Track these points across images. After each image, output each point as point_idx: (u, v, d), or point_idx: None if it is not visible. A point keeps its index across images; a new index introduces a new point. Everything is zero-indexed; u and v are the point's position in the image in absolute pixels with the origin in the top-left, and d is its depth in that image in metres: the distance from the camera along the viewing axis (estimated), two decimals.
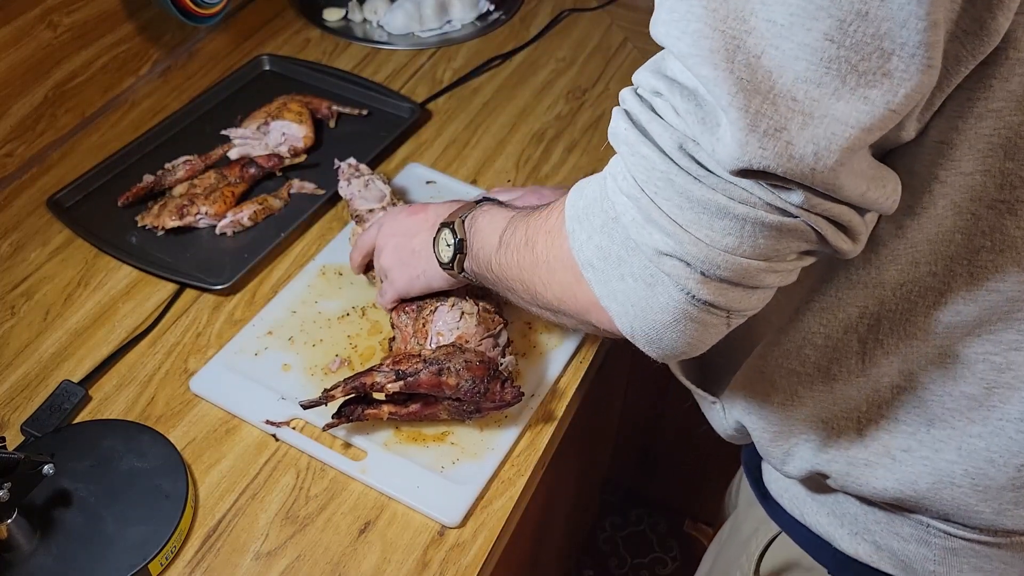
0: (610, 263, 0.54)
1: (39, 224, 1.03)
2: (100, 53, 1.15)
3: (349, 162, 1.03)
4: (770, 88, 0.43)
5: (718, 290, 0.50)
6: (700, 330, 0.53)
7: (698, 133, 0.46)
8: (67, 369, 0.88)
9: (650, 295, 0.52)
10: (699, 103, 0.46)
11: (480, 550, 0.75)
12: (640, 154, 0.49)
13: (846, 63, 0.42)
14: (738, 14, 0.43)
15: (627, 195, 0.51)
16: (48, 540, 0.73)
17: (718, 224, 0.48)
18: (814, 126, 0.44)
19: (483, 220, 0.73)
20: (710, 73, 0.44)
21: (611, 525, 1.81)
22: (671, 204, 0.49)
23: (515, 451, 0.82)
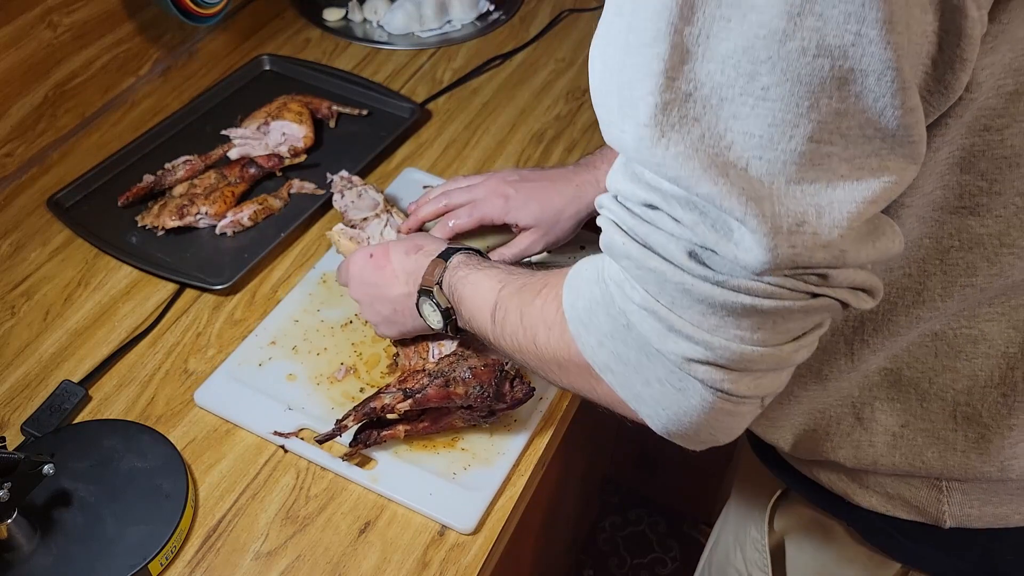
0: (630, 368, 0.52)
1: (39, 224, 1.03)
2: (100, 53, 1.15)
3: (341, 175, 1.03)
4: (770, 192, 0.44)
5: (753, 382, 0.50)
6: (737, 420, 0.52)
7: (712, 242, 0.46)
8: (67, 369, 0.88)
9: (682, 398, 0.51)
10: (703, 212, 0.46)
11: (480, 550, 0.75)
12: (648, 268, 0.48)
13: (836, 157, 0.43)
14: (713, 131, 0.44)
15: (641, 306, 0.50)
16: (48, 540, 0.73)
17: (746, 323, 0.47)
18: (828, 213, 0.44)
19: (466, 290, 0.72)
20: (713, 190, 0.44)
21: (611, 525, 1.81)
22: (693, 312, 0.48)
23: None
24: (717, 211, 0.45)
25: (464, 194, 0.92)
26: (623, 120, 0.47)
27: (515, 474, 0.80)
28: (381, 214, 0.97)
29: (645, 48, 0.44)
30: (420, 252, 0.79)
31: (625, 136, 0.47)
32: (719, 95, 0.43)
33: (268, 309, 0.93)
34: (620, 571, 1.75)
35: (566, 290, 0.57)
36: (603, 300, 0.53)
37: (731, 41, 0.42)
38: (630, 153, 0.47)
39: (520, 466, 0.81)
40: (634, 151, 0.47)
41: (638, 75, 0.45)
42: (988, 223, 0.55)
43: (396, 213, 0.97)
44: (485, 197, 0.91)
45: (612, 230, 0.51)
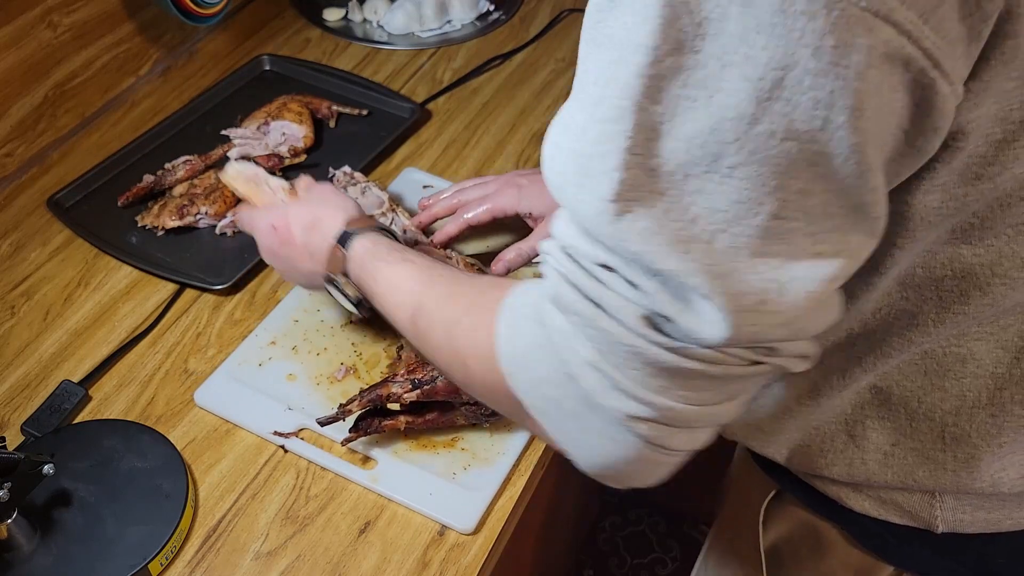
0: (566, 415, 0.52)
1: (39, 224, 1.03)
2: (100, 53, 1.15)
3: (344, 170, 1.03)
4: (734, 268, 0.44)
5: (690, 437, 0.51)
6: (665, 468, 0.53)
7: (671, 312, 0.46)
8: (67, 369, 0.88)
9: (616, 448, 0.51)
10: (664, 282, 0.45)
11: (480, 550, 0.75)
12: (598, 327, 0.48)
13: (799, 233, 0.44)
14: (677, 206, 0.44)
15: (588, 363, 0.49)
16: (48, 540, 0.73)
17: (692, 384, 0.48)
18: (789, 290, 0.45)
19: (378, 288, 0.72)
20: (678, 266, 0.44)
21: (611, 525, 1.81)
22: (640, 373, 0.48)
23: None
24: (679, 284, 0.45)
25: (477, 190, 0.92)
26: (580, 190, 0.46)
27: (515, 474, 0.80)
28: (387, 212, 0.96)
29: (610, 124, 0.44)
30: (315, 230, 0.79)
31: (583, 207, 0.47)
32: (684, 172, 0.43)
33: (268, 309, 0.93)
34: (620, 571, 1.75)
35: (501, 324, 0.56)
36: (544, 346, 0.52)
37: (697, 122, 0.42)
38: (587, 223, 0.47)
39: (520, 466, 0.81)
40: (593, 223, 0.46)
41: (601, 150, 0.45)
42: (980, 252, 0.54)
43: (401, 212, 0.97)
44: (498, 190, 0.91)
45: (560, 283, 0.50)
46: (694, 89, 0.42)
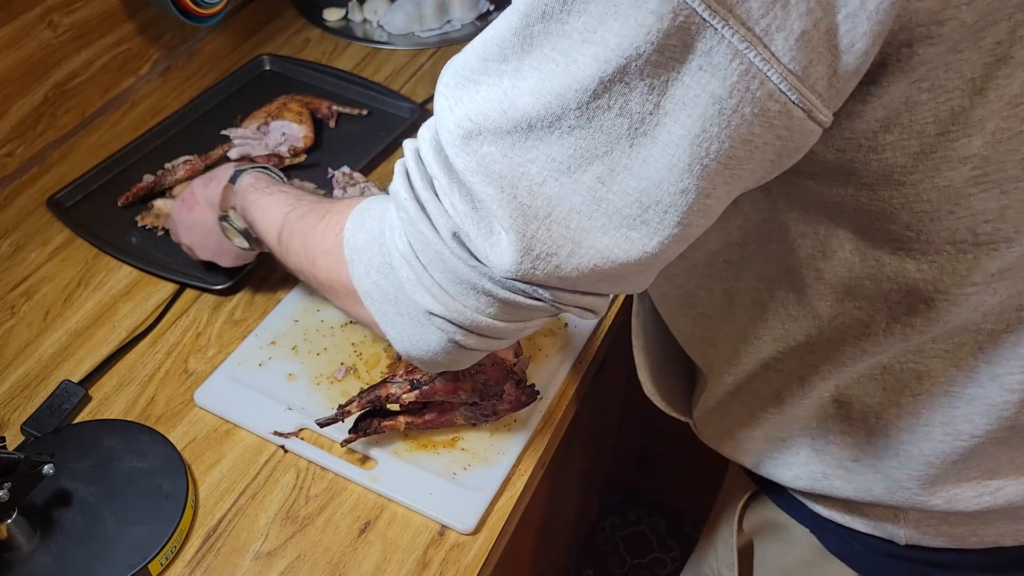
0: (387, 301, 0.59)
1: (39, 224, 1.03)
2: (100, 53, 1.15)
3: (343, 170, 1.03)
4: (548, 215, 0.48)
5: (479, 341, 0.57)
6: (465, 357, 0.61)
7: (473, 234, 0.51)
8: (67, 369, 0.88)
9: (422, 333, 0.58)
10: (475, 207, 0.50)
11: (480, 550, 0.75)
12: (418, 229, 0.53)
13: (612, 205, 0.48)
14: (523, 144, 0.48)
15: (403, 255, 0.56)
16: (48, 540, 0.73)
17: (483, 299, 0.54)
18: (580, 254, 0.49)
19: (256, 213, 0.78)
20: (495, 194, 0.49)
21: (611, 525, 1.81)
22: (442, 277, 0.54)
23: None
24: (489, 212, 0.49)
25: None
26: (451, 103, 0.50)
27: (515, 474, 0.80)
28: None
29: (492, 62, 0.48)
30: (213, 181, 0.86)
31: (446, 118, 0.50)
32: (530, 122, 0.47)
33: (268, 309, 0.93)
34: (620, 571, 1.75)
35: (351, 220, 0.62)
36: (378, 237, 0.58)
37: (551, 82, 0.46)
38: (442, 134, 0.51)
39: (520, 466, 0.81)
40: (447, 136, 0.50)
41: (477, 77, 0.49)
42: (923, 268, 0.54)
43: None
44: None
45: (400, 180, 0.55)
46: (558, 54, 0.45)
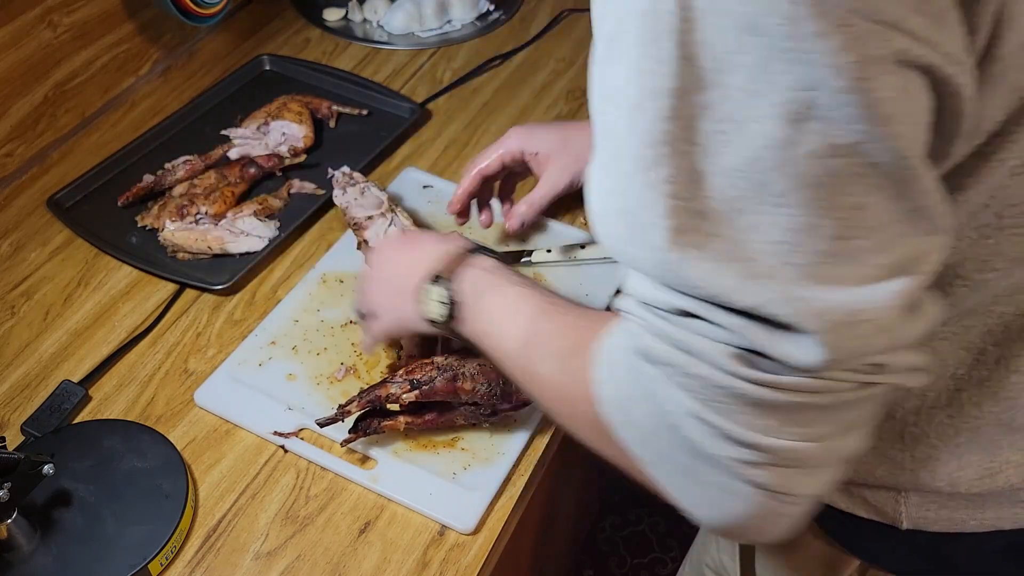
0: (677, 468, 0.50)
1: (39, 224, 1.03)
2: (100, 53, 1.15)
3: (343, 170, 1.02)
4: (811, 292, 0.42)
5: (813, 479, 0.48)
6: (786, 520, 0.50)
7: (762, 344, 0.44)
8: (67, 369, 0.88)
9: (733, 500, 0.48)
10: (747, 316, 0.44)
11: (480, 550, 0.75)
12: (694, 375, 0.46)
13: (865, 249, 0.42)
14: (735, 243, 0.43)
15: (688, 414, 0.47)
16: (48, 540, 0.73)
17: (802, 418, 0.45)
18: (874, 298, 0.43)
19: (496, 300, 0.68)
20: (756, 300, 0.43)
21: (611, 525, 1.81)
22: (746, 416, 0.45)
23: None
24: (761, 316, 0.43)
25: (485, 151, 0.93)
26: (634, 246, 0.46)
27: (515, 474, 0.80)
28: (386, 213, 0.96)
29: (648, 172, 0.43)
30: (447, 241, 0.76)
31: (641, 260, 0.46)
32: (733, 207, 0.42)
33: (268, 309, 0.93)
34: (620, 571, 1.75)
35: (597, 369, 0.53)
36: (642, 398, 0.50)
37: (735, 155, 0.41)
38: (652, 275, 0.46)
39: (520, 466, 0.81)
40: (658, 274, 0.46)
41: (644, 201, 0.44)
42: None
43: (401, 213, 0.97)
44: (505, 136, 0.90)
45: (644, 335, 0.49)
46: (724, 123, 0.41)
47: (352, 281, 0.96)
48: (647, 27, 0.42)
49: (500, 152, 0.90)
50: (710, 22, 0.40)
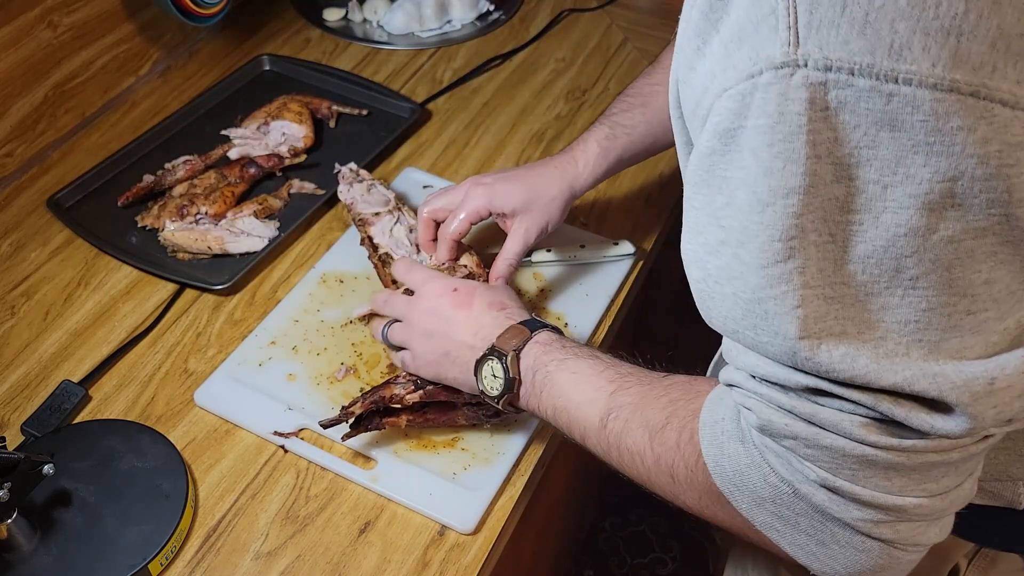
0: (799, 530, 0.51)
1: (39, 224, 1.03)
2: (100, 53, 1.15)
3: (350, 167, 1.03)
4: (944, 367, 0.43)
5: (940, 526, 0.50)
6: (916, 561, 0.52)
7: (901, 416, 0.45)
8: (67, 369, 0.88)
9: (863, 556, 0.50)
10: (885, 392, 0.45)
11: (480, 550, 0.75)
12: (822, 446, 0.47)
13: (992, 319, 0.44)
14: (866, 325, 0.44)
15: (814, 481, 0.49)
16: (48, 540, 0.73)
17: (932, 475, 0.47)
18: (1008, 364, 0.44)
19: (562, 376, 0.67)
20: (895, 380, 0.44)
21: (611, 525, 1.81)
22: (877, 479, 0.47)
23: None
24: (901, 393, 0.44)
25: (443, 199, 0.89)
26: (760, 332, 0.47)
27: (515, 474, 0.80)
28: (393, 211, 0.96)
29: (777, 266, 0.44)
30: (504, 311, 0.75)
31: (769, 347, 0.47)
32: (865, 291, 0.44)
33: (268, 309, 0.93)
34: (620, 571, 1.75)
35: (706, 444, 0.54)
36: (757, 466, 0.51)
37: (868, 243, 0.42)
38: (780, 359, 0.47)
39: (520, 466, 0.81)
40: (788, 359, 0.46)
41: (773, 292, 0.45)
42: None
43: (407, 212, 0.97)
44: (466, 195, 0.87)
45: (765, 410, 0.49)
46: (858, 214, 0.42)
47: (352, 281, 0.96)
48: (775, 127, 0.42)
49: (467, 216, 0.87)
50: (843, 120, 0.41)
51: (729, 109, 0.44)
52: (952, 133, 0.39)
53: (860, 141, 0.41)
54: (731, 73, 0.44)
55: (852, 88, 0.40)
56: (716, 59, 0.45)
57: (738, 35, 0.44)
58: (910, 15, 0.39)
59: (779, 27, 0.41)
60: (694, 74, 0.48)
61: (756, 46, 0.43)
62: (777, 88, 0.42)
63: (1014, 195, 0.40)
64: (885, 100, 0.40)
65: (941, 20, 0.39)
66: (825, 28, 0.40)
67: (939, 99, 0.39)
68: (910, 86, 0.39)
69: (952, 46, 0.39)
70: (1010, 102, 0.39)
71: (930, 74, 0.39)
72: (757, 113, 0.43)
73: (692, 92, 0.48)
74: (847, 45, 0.40)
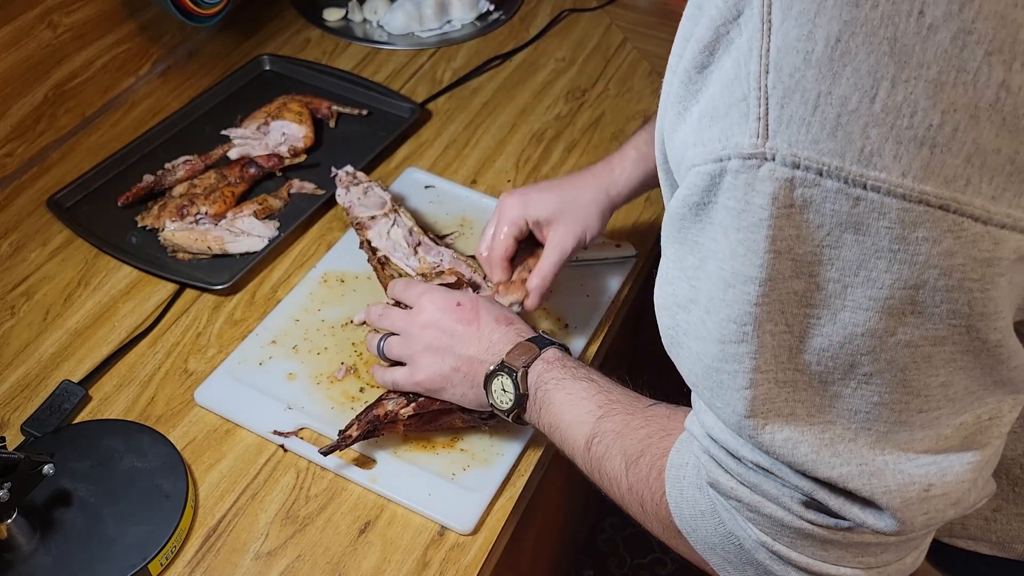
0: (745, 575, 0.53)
1: (39, 224, 1.03)
2: (100, 53, 1.15)
3: (347, 170, 1.03)
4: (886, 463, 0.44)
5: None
6: None
7: (834, 506, 0.46)
8: (67, 369, 0.88)
9: None
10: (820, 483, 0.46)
11: (480, 550, 0.75)
12: (763, 514, 0.49)
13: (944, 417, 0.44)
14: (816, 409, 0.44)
15: (756, 541, 0.50)
16: (48, 540, 0.73)
17: (870, 550, 0.48)
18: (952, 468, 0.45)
19: (558, 396, 0.69)
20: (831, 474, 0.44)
21: (611, 525, 1.81)
22: (813, 548, 0.48)
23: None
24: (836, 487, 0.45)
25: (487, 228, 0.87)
26: (715, 397, 0.47)
27: (514, 474, 0.80)
28: (389, 214, 0.96)
29: (732, 345, 0.44)
30: (511, 327, 0.75)
31: (720, 412, 0.47)
32: (819, 380, 0.44)
33: (268, 309, 0.93)
34: (620, 571, 1.75)
35: (669, 484, 0.56)
36: (711, 515, 0.53)
37: (825, 337, 0.42)
38: (728, 426, 0.48)
39: (519, 467, 0.81)
40: (734, 429, 0.47)
41: (728, 368, 0.45)
42: None
43: (404, 214, 0.97)
44: (500, 207, 0.86)
45: (714, 468, 0.51)
46: (816, 308, 0.42)
47: (353, 280, 0.96)
48: (740, 214, 0.42)
49: (508, 230, 0.85)
50: (807, 218, 0.40)
51: (698, 186, 0.44)
52: (917, 243, 0.38)
53: (823, 240, 0.40)
54: (701, 150, 0.44)
55: (819, 188, 0.39)
56: (692, 130, 0.45)
57: (711, 113, 0.43)
58: (883, 122, 0.38)
59: (750, 115, 0.41)
60: (676, 135, 0.48)
61: (726, 129, 0.42)
62: (744, 177, 0.41)
63: (975, 308, 0.40)
64: (852, 203, 0.39)
65: (915, 130, 0.37)
66: (795, 125, 0.39)
67: (906, 209, 0.38)
68: (878, 193, 0.38)
69: (925, 157, 0.38)
70: (982, 217, 0.38)
71: (900, 184, 0.38)
72: (726, 195, 0.42)
73: (675, 150, 0.48)
74: (816, 145, 0.39)
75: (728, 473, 0.50)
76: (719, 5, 0.43)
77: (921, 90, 0.37)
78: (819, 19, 0.39)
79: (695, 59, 0.45)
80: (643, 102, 1.23)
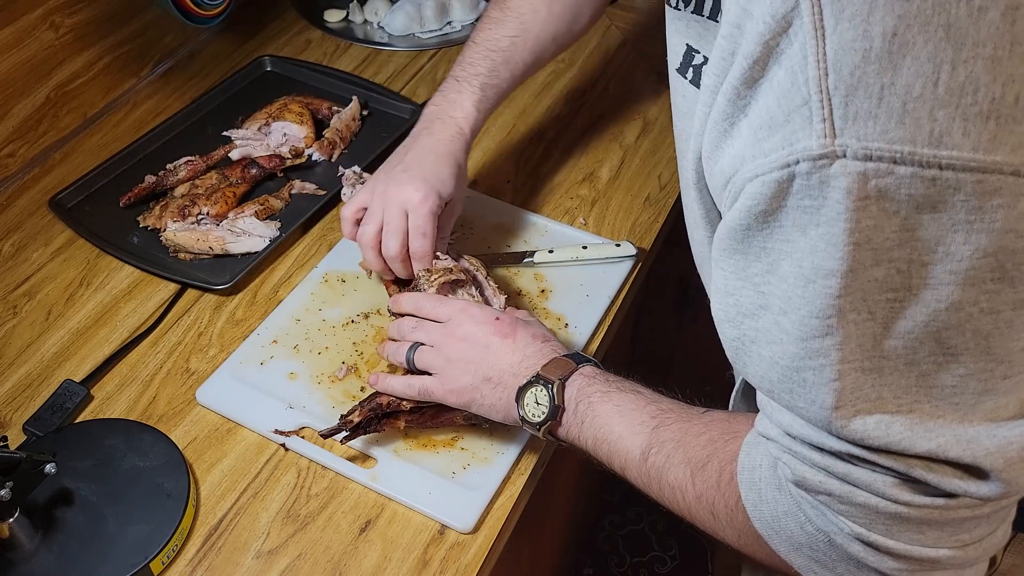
0: (837, 574, 0.53)
1: (41, 224, 1.03)
2: (102, 54, 1.15)
3: (354, 169, 1.03)
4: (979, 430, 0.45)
5: (976, 572, 0.51)
6: None
7: (933, 480, 0.46)
8: (69, 369, 0.88)
9: None
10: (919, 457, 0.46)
11: (480, 549, 0.75)
12: (856, 503, 0.49)
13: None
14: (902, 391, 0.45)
15: (848, 534, 0.50)
16: (50, 539, 0.73)
17: (966, 527, 0.48)
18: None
19: (605, 408, 0.68)
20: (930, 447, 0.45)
21: (610, 524, 1.81)
22: (911, 533, 0.48)
23: None
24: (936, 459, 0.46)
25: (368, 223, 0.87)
26: (796, 398, 0.48)
27: (515, 473, 0.80)
28: None
29: (815, 340, 0.45)
30: (548, 343, 0.76)
31: (804, 412, 0.48)
32: (905, 362, 0.44)
33: (269, 309, 0.94)
34: (619, 570, 1.76)
35: (744, 488, 0.56)
36: (794, 515, 0.52)
37: (908, 319, 0.43)
38: (813, 423, 0.48)
39: (520, 465, 0.81)
40: (820, 425, 0.47)
41: (812, 364, 0.46)
42: None
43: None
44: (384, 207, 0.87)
45: (799, 466, 0.51)
46: (898, 292, 0.43)
47: (354, 280, 0.96)
48: (817, 211, 0.43)
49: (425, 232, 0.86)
50: (883, 207, 0.41)
51: (763, 194, 0.45)
52: (992, 211, 0.40)
53: (900, 225, 0.42)
54: (762, 160, 0.45)
55: (892, 176, 0.41)
56: (745, 144, 0.46)
57: (768, 123, 0.45)
58: (948, 102, 0.40)
59: (813, 118, 0.42)
60: (720, 153, 0.49)
61: (788, 136, 0.43)
62: (817, 176, 0.42)
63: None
64: (927, 185, 0.41)
65: (979, 105, 0.40)
66: (862, 119, 0.41)
67: (980, 180, 0.40)
68: (952, 171, 0.40)
69: (992, 129, 0.40)
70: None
71: (972, 158, 0.40)
72: (798, 197, 0.44)
73: (720, 169, 0.50)
74: (886, 135, 0.41)
75: (815, 468, 0.50)
76: (767, 20, 0.44)
77: (980, 67, 0.39)
78: (872, 17, 0.40)
79: (744, 74, 0.46)
80: (643, 102, 1.23)
